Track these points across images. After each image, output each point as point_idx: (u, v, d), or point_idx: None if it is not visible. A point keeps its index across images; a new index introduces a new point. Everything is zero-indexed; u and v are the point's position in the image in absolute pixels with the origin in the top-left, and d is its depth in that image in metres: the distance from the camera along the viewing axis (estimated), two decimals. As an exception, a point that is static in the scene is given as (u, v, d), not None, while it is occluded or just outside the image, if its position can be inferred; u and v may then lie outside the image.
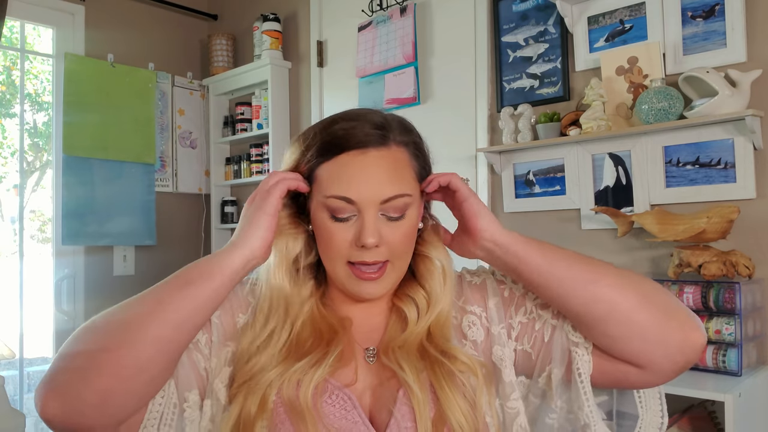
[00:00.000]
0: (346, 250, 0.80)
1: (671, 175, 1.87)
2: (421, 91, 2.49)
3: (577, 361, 0.79)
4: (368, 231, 0.77)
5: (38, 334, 3.23)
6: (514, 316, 0.85)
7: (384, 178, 0.78)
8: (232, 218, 3.25)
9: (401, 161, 0.81)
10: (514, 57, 2.24)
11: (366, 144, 0.79)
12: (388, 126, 0.82)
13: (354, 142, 0.79)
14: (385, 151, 0.80)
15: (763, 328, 1.68)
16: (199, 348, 0.81)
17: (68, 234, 2.83)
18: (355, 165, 0.79)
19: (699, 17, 1.83)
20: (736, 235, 1.71)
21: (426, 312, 0.84)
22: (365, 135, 0.79)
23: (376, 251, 0.79)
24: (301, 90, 3.00)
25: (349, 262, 0.80)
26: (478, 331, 0.85)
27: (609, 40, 2.01)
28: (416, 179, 0.83)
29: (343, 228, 0.79)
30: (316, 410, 0.76)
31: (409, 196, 0.80)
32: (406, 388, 0.78)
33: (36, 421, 3.76)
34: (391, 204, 0.79)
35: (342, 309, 0.87)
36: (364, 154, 0.79)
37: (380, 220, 0.79)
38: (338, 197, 0.78)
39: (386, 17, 2.58)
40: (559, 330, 0.81)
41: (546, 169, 2.14)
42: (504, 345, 0.84)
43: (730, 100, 1.67)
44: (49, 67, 3.00)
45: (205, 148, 3.38)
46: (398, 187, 0.79)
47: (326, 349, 0.80)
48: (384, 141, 0.80)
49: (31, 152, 4.66)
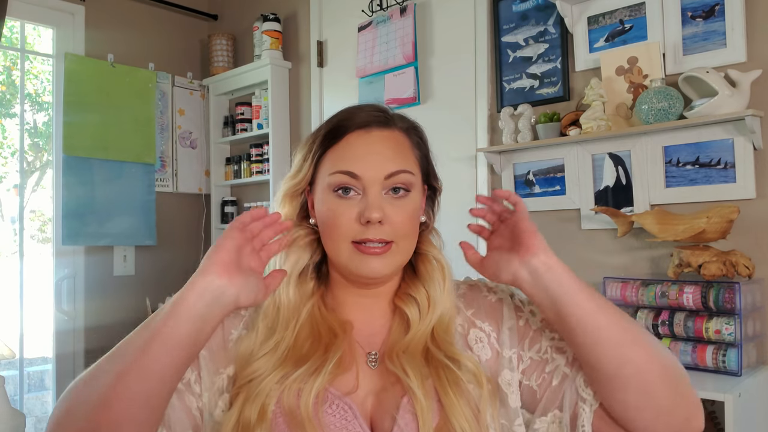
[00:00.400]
0: (350, 229, 0.79)
1: (671, 175, 1.87)
2: (421, 91, 2.49)
3: (583, 418, 0.76)
4: (373, 206, 0.78)
5: (38, 334, 3.23)
6: (526, 350, 0.83)
7: (388, 154, 0.81)
8: (232, 218, 3.25)
9: (404, 144, 0.84)
10: (514, 57, 2.24)
11: (369, 124, 0.82)
12: (389, 112, 0.85)
13: (358, 122, 0.82)
14: (388, 132, 0.83)
15: (763, 328, 1.68)
16: (190, 388, 0.79)
17: (68, 234, 2.83)
18: (359, 143, 0.81)
19: (699, 17, 1.83)
20: (736, 235, 1.71)
21: (428, 312, 0.83)
22: (369, 115, 0.83)
23: (380, 229, 0.79)
24: (301, 90, 3.00)
25: (353, 242, 0.80)
26: (484, 349, 0.84)
27: (609, 40, 2.01)
28: (418, 164, 0.85)
29: (348, 206, 0.80)
30: (317, 420, 0.75)
31: (411, 174, 0.82)
32: (411, 395, 0.77)
33: (36, 421, 3.77)
34: (395, 179, 0.80)
35: (343, 311, 0.86)
36: (368, 133, 0.82)
37: (384, 198, 0.80)
38: (343, 171, 0.80)
39: (386, 17, 2.58)
40: (570, 381, 0.78)
41: (546, 169, 2.14)
42: (513, 370, 0.83)
43: (730, 100, 1.67)
44: (49, 67, 3.00)
45: (205, 148, 3.38)
46: (402, 163, 0.81)
47: (325, 354, 0.79)
48: (387, 123, 0.83)
49: (31, 152, 4.66)
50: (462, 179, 2.32)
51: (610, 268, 1.98)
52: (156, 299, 3.01)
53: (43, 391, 4.23)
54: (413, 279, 0.87)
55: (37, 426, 3.71)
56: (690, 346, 1.62)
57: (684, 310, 1.65)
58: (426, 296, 0.84)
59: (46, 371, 4.16)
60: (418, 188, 0.84)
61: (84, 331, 2.92)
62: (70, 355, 2.90)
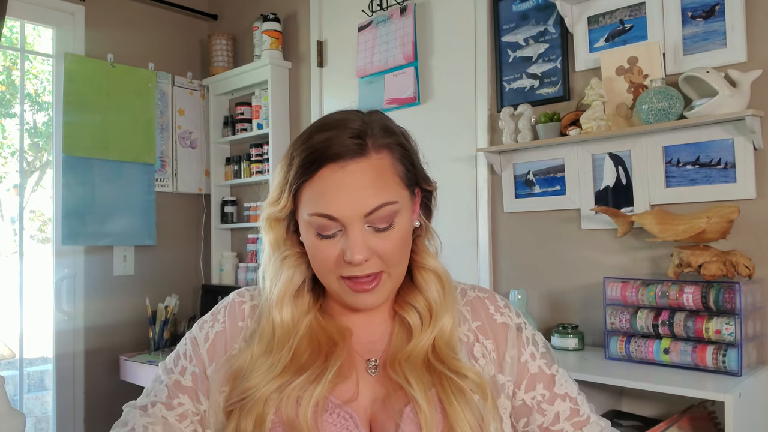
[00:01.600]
0: (336, 267, 0.77)
1: (671, 175, 1.87)
2: (421, 91, 2.49)
3: None
4: (354, 248, 0.74)
5: (38, 334, 3.23)
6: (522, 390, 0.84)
7: (365, 191, 0.75)
8: (232, 218, 3.25)
9: (384, 169, 0.77)
10: (514, 57, 2.24)
11: (343, 156, 0.75)
12: (367, 132, 0.77)
13: (331, 155, 0.75)
14: (364, 162, 0.76)
15: (763, 328, 1.68)
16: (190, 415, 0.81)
17: (68, 234, 2.83)
18: (334, 180, 0.75)
19: (699, 17, 1.82)
20: (736, 235, 1.71)
21: (429, 322, 0.81)
22: (342, 147, 0.75)
23: (367, 264, 0.76)
24: (301, 90, 3.00)
25: (341, 277, 0.78)
26: (488, 366, 0.84)
27: (609, 40, 2.01)
28: (402, 183, 0.80)
29: (330, 244, 0.77)
30: (317, 430, 0.74)
31: (394, 204, 0.77)
32: (414, 405, 0.75)
33: (36, 421, 3.77)
34: (377, 215, 0.75)
35: (342, 319, 0.85)
36: (342, 168, 0.75)
37: (368, 232, 0.76)
38: (320, 215, 0.75)
39: (386, 17, 2.58)
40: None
41: (546, 169, 2.14)
42: (508, 399, 0.83)
43: (730, 100, 1.67)
44: (49, 67, 3.00)
45: (205, 148, 3.38)
46: (382, 196, 0.76)
47: (325, 363, 0.78)
48: (362, 151, 0.76)
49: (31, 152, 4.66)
50: (462, 179, 2.33)
51: (610, 268, 1.98)
52: (156, 299, 3.01)
53: (43, 391, 4.23)
54: (412, 288, 0.85)
55: (37, 426, 3.71)
56: (690, 346, 1.62)
57: (684, 310, 1.64)
58: (425, 305, 0.83)
59: (46, 371, 4.16)
60: (405, 211, 0.79)
61: (84, 331, 2.92)
62: (70, 355, 2.90)
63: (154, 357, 2.82)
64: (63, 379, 2.88)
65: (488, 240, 2.25)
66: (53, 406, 2.90)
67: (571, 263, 2.09)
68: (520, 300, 2.08)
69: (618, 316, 1.74)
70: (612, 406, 1.88)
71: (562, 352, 1.91)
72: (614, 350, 1.75)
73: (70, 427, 2.89)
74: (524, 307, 2.10)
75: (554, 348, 1.94)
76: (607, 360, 1.76)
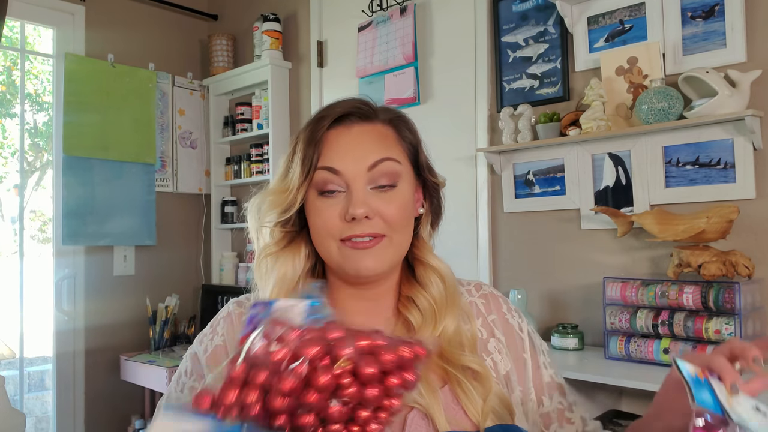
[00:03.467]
0: (336, 228, 0.77)
1: (671, 175, 1.87)
2: (421, 92, 2.49)
3: None
4: (356, 202, 0.75)
5: (38, 334, 3.23)
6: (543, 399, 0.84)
7: (369, 146, 0.78)
8: (232, 218, 3.25)
9: (389, 135, 0.81)
10: (514, 57, 2.24)
11: (349, 116, 0.80)
12: (372, 105, 0.82)
13: (337, 113, 0.79)
14: (369, 126, 0.80)
15: (762, 328, 1.68)
16: None
17: (68, 234, 2.83)
18: (340, 139, 0.78)
19: (699, 17, 1.83)
20: (736, 235, 1.71)
21: (432, 319, 0.80)
22: (348, 107, 0.80)
23: (369, 223, 0.76)
24: (301, 90, 3.00)
25: (341, 240, 0.77)
26: (504, 361, 0.84)
27: (609, 40, 2.01)
28: (406, 156, 0.81)
29: (332, 204, 0.77)
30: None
31: (396, 162, 0.79)
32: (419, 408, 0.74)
33: (36, 421, 3.77)
34: (379, 169, 0.77)
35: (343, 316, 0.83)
36: (348, 129, 0.79)
37: (371, 193, 0.77)
38: (323, 167, 0.77)
39: (386, 17, 2.58)
40: None
41: (546, 169, 2.14)
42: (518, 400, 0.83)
43: (730, 100, 1.67)
44: (50, 67, 3.00)
45: (205, 148, 3.38)
46: (384, 151, 0.78)
47: None
48: (369, 116, 0.81)
49: (31, 152, 4.66)
50: (462, 179, 2.33)
51: (610, 268, 1.98)
52: (156, 299, 3.01)
53: (43, 391, 4.23)
54: (414, 285, 0.85)
55: (37, 426, 3.71)
56: (690, 346, 1.62)
57: (684, 310, 1.65)
58: (427, 302, 0.82)
59: (46, 371, 4.16)
60: (407, 179, 0.80)
61: (84, 331, 2.92)
62: (70, 355, 2.90)
63: (154, 357, 2.83)
64: (63, 378, 2.88)
65: (488, 240, 2.26)
66: (53, 406, 2.90)
67: (570, 263, 2.09)
68: (520, 300, 2.08)
69: (618, 316, 1.75)
70: (612, 406, 1.88)
71: (562, 352, 1.91)
72: (614, 350, 1.75)
73: (70, 426, 2.89)
74: (524, 306, 2.10)
75: (554, 348, 1.94)
76: (607, 360, 1.76)
